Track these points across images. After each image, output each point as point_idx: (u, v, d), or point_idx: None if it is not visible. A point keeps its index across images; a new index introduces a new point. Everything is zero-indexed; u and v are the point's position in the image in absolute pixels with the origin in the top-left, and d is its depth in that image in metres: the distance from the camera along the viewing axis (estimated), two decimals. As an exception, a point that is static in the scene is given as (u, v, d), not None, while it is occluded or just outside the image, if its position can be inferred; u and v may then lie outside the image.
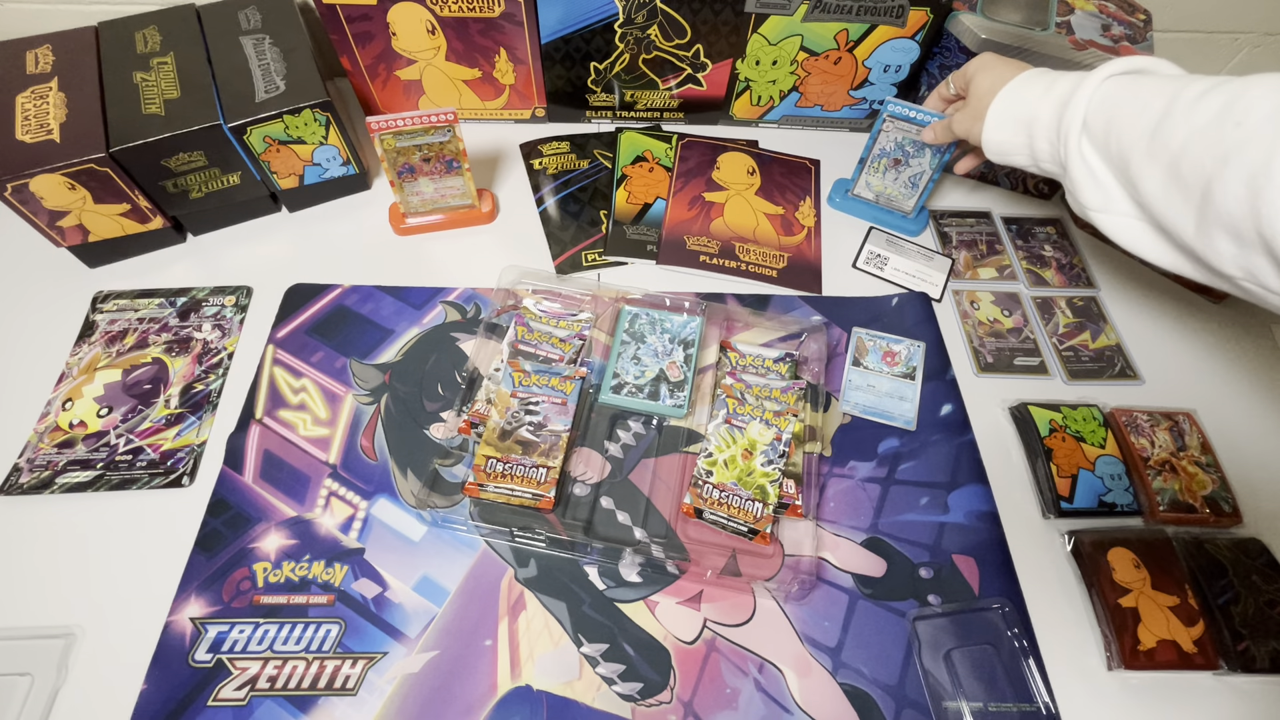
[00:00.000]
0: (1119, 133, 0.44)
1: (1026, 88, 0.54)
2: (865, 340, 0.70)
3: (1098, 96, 0.47)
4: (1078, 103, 0.48)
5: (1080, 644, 0.56)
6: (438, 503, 0.59)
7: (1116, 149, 0.44)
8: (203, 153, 0.66)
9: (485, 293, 0.72)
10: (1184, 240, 0.41)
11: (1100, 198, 0.47)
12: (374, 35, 0.74)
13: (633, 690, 0.52)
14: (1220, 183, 0.36)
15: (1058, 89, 0.51)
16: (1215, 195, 0.37)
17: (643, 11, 0.73)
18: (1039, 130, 0.52)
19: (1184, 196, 0.39)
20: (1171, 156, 0.40)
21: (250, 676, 0.51)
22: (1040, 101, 0.52)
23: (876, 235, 0.79)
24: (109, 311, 0.69)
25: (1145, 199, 0.43)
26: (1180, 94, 0.41)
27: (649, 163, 0.82)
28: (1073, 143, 0.48)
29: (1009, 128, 0.55)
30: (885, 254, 0.77)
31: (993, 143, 0.56)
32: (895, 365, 0.68)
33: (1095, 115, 0.47)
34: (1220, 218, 0.37)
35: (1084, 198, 0.48)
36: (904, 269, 0.76)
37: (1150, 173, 0.42)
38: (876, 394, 0.67)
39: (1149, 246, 0.45)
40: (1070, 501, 0.60)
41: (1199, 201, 0.38)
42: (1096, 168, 0.47)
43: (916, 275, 0.75)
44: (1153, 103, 0.42)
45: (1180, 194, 0.40)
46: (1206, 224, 0.38)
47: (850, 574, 0.58)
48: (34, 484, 0.58)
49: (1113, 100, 0.46)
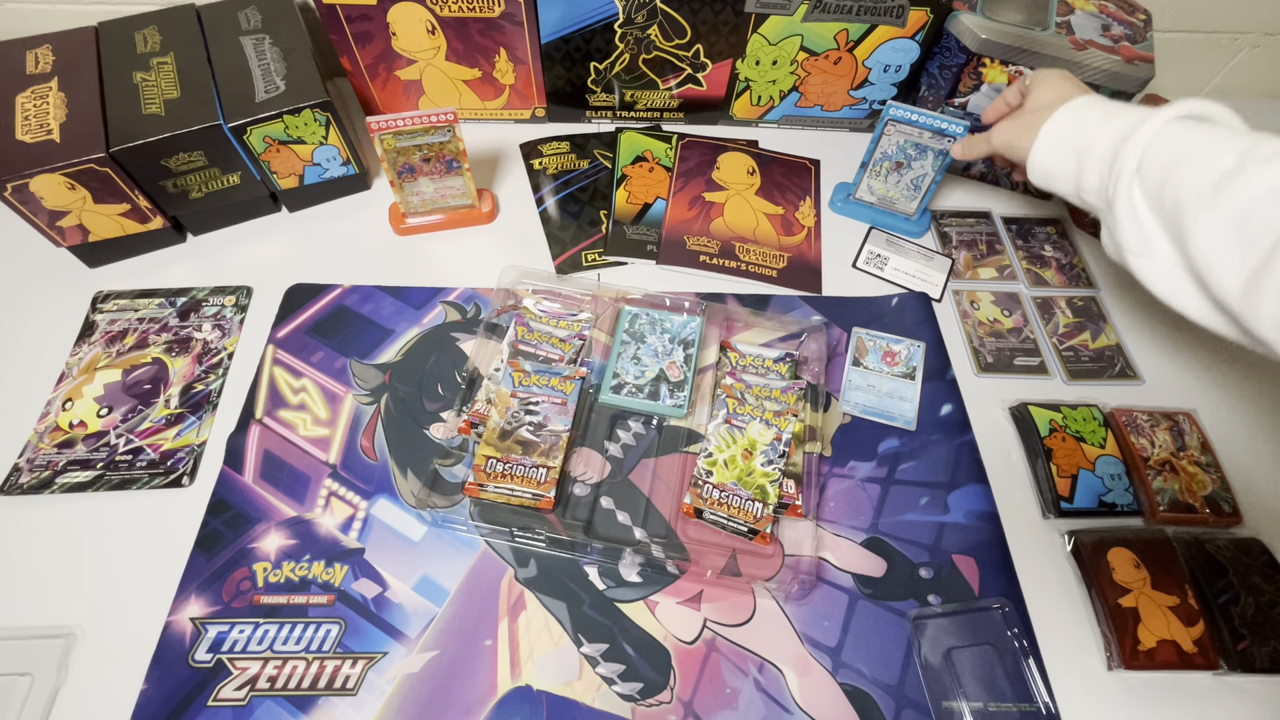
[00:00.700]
0: (1178, 180, 0.43)
1: (1086, 112, 0.52)
2: (865, 340, 0.70)
3: (1161, 138, 0.45)
4: (1137, 141, 0.46)
5: (1080, 644, 0.56)
6: (438, 503, 0.59)
7: (1172, 195, 0.43)
8: (203, 153, 0.66)
9: (485, 293, 0.72)
10: (1225, 297, 0.40)
11: (1140, 242, 0.46)
12: (374, 35, 0.74)
13: (633, 690, 0.52)
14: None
15: (1119, 121, 0.49)
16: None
17: (643, 11, 0.73)
18: (1091, 161, 0.50)
19: (1242, 254, 0.39)
20: (1238, 212, 0.39)
21: (250, 676, 0.51)
22: (1099, 130, 0.49)
23: (876, 235, 0.79)
24: (109, 311, 0.69)
25: (1193, 248, 0.42)
26: (1254, 150, 0.40)
27: (649, 163, 0.82)
28: (1124, 183, 0.46)
29: (1060, 151, 0.52)
30: (885, 254, 0.77)
31: (1039, 165, 0.54)
32: (895, 365, 0.68)
33: (1154, 158, 0.45)
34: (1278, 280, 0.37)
35: (1123, 239, 0.47)
36: (904, 269, 0.76)
37: (1207, 224, 0.41)
38: (876, 394, 0.67)
39: (1184, 298, 0.45)
40: (1070, 501, 0.60)
41: (1260, 261, 0.38)
42: (1142, 212, 0.46)
43: (917, 275, 0.75)
44: (1221, 155, 0.41)
45: (1239, 250, 0.39)
46: (1259, 284, 0.38)
47: (850, 574, 0.58)
48: (34, 484, 0.58)
49: (1175, 145, 0.45)
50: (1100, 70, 0.69)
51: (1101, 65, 0.69)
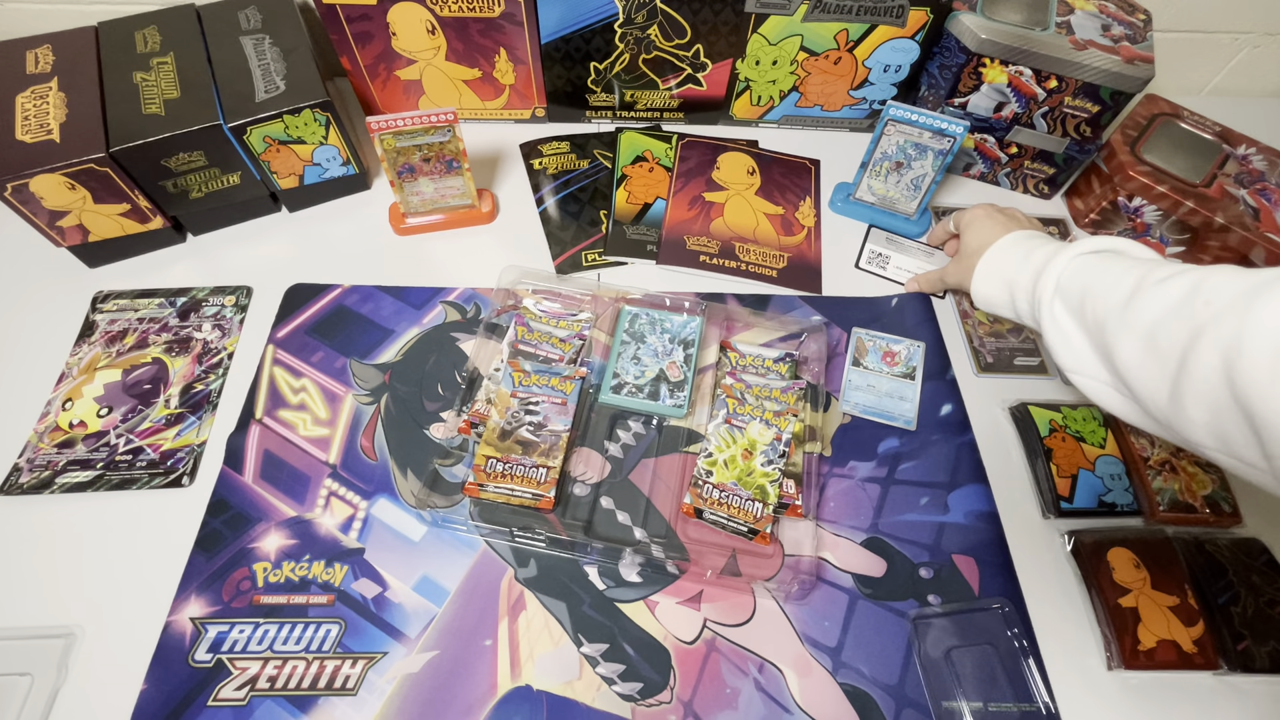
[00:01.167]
0: (1093, 303, 0.47)
1: (1008, 253, 0.59)
2: (865, 340, 0.70)
3: (1070, 269, 0.51)
4: (1051, 272, 0.52)
5: (1080, 644, 0.56)
6: (438, 503, 0.59)
7: (1092, 317, 0.47)
8: (203, 153, 0.66)
9: (485, 293, 0.72)
10: (1156, 408, 0.43)
11: (1073, 360, 0.50)
12: (374, 35, 0.74)
13: (633, 690, 0.52)
14: (1195, 354, 0.39)
15: (1035, 258, 0.55)
16: (1190, 365, 0.39)
17: (643, 11, 0.73)
18: (1018, 293, 0.56)
19: (1159, 366, 0.42)
20: (1145, 329, 0.43)
21: (250, 676, 0.51)
22: (1020, 267, 0.56)
23: (876, 234, 0.79)
24: (109, 311, 0.69)
25: (1119, 367, 0.45)
26: (1149, 275, 0.44)
27: (649, 163, 0.82)
28: (1045, 308, 0.52)
29: (994, 284, 0.59)
30: (887, 253, 0.77)
31: (980, 295, 0.61)
32: (895, 365, 0.68)
33: (1069, 284, 0.50)
34: (1195, 386, 0.39)
35: (1059, 359, 0.51)
36: (906, 266, 0.76)
37: (1125, 342, 0.44)
38: (876, 394, 0.67)
39: (1121, 410, 0.47)
40: (1070, 501, 0.60)
41: (1174, 372, 0.40)
42: (1070, 332, 0.50)
43: (919, 272, 0.75)
44: (1124, 280, 0.46)
45: (1155, 364, 0.42)
46: (1180, 393, 0.40)
47: (850, 574, 0.58)
48: (34, 484, 0.58)
49: (1085, 273, 0.50)
50: (1100, 70, 0.69)
51: (1101, 65, 0.69)
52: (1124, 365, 0.44)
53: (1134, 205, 0.75)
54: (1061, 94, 0.72)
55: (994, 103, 0.76)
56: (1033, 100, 0.74)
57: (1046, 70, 0.71)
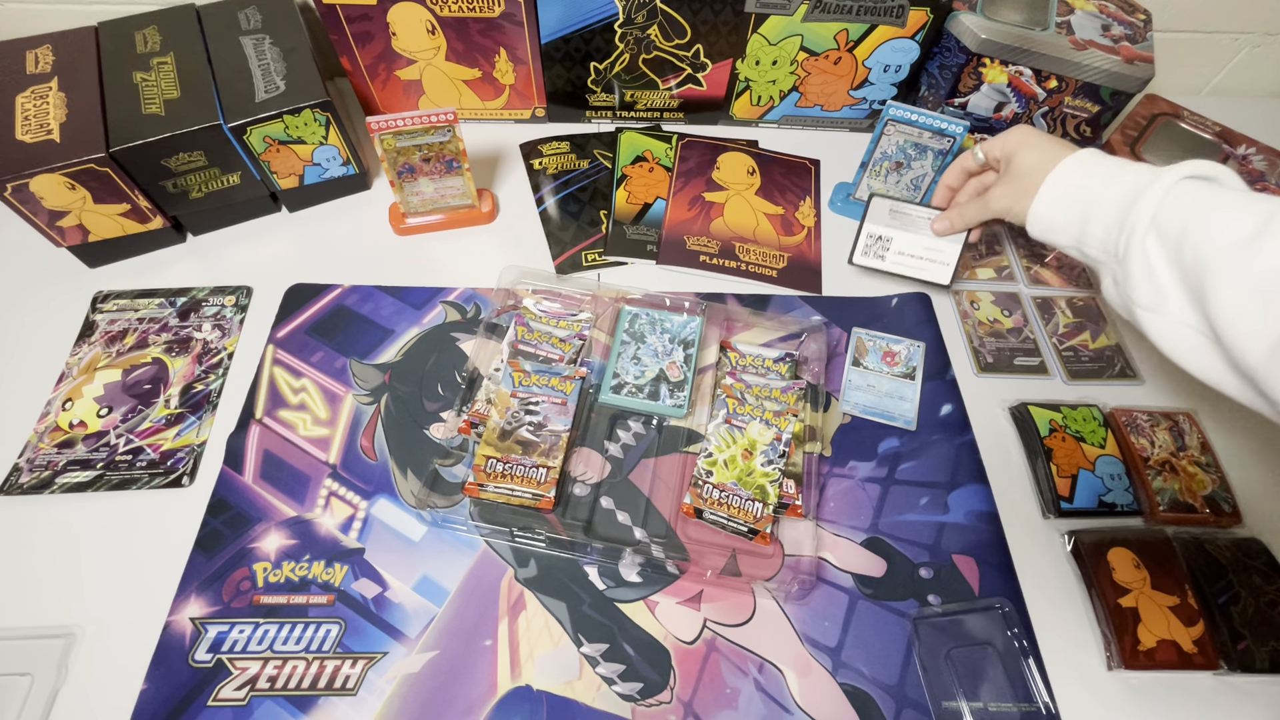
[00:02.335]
0: (1197, 239, 0.43)
1: (1088, 169, 0.53)
2: (865, 340, 0.70)
3: (1174, 195, 0.46)
4: (1150, 198, 0.47)
5: (1080, 644, 0.56)
6: (438, 503, 0.59)
7: (1192, 253, 0.43)
8: (203, 153, 0.66)
9: (485, 293, 0.72)
10: (1246, 360, 0.40)
11: (1153, 297, 0.46)
12: (374, 35, 0.74)
13: (633, 690, 0.52)
14: None
15: (1125, 178, 0.50)
16: None
17: (643, 11, 0.73)
18: (1097, 216, 0.50)
19: (1266, 317, 0.39)
20: (1263, 277, 0.39)
21: (250, 676, 0.51)
22: (1105, 187, 0.51)
23: (879, 207, 0.70)
24: (109, 311, 0.69)
25: (1216, 310, 0.41)
26: (1273, 219, 0.40)
27: (649, 163, 0.82)
28: (1138, 237, 0.47)
29: (1063, 206, 0.53)
30: (888, 233, 0.70)
31: (1041, 219, 0.55)
32: (895, 365, 0.68)
33: (1169, 215, 0.45)
34: None
35: (1134, 293, 0.47)
36: (910, 250, 0.70)
37: (1231, 284, 0.41)
38: (876, 394, 0.67)
39: (1195, 357, 0.45)
40: (1070, 501, 0.60)
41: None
42: (1158, 267, 0.46)
43: (925, 255, 0.69)
44: (1243, 217, 0.42)
45: (1262, 314, 0.39)
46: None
47: (850, 574, 0.58)
48: (34, 484, 0.58)
49: (1191, 204, 0.45)
50: (1100, 70, 0.69)
51: (1101, 65, 0.69)
52: (1223, 310, 0.41)
53: (1134, 205, 0.75)
54: (1061, 94, 0.72)
55: (994, 103, 0.76)
56: (1033, 100, 0.74)
57: (1046, 70, 0.71)
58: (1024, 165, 0.57)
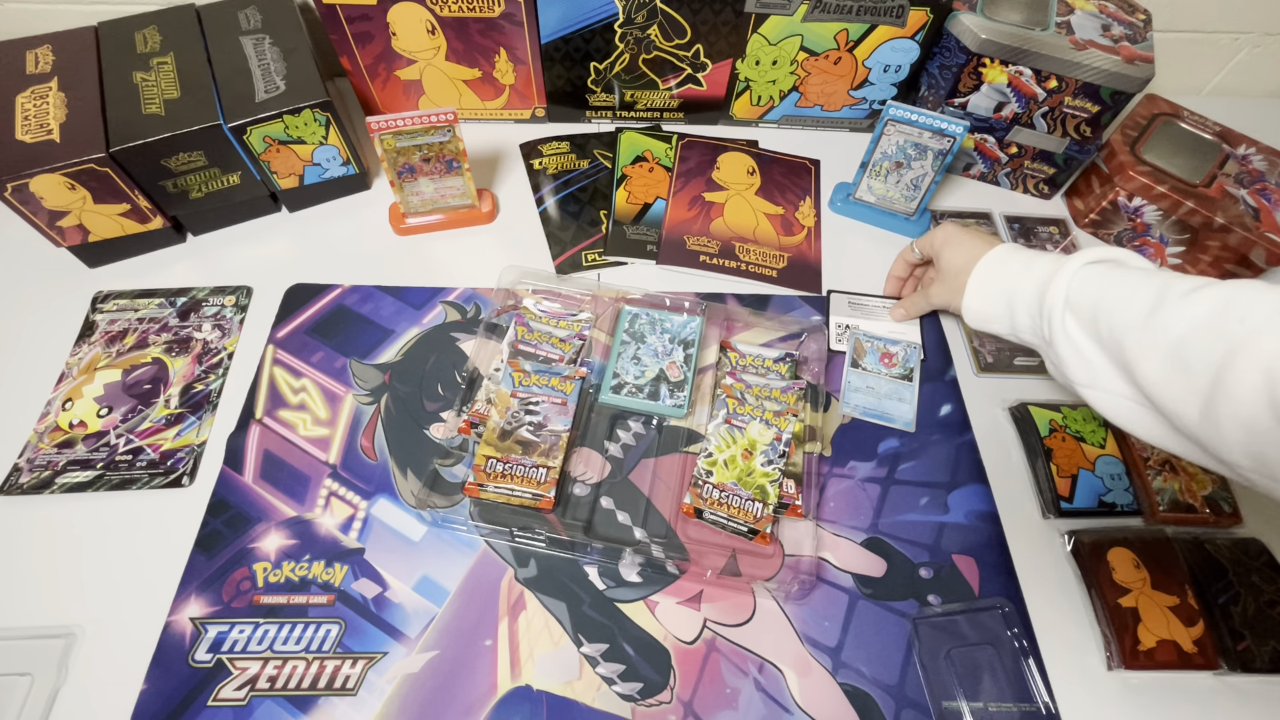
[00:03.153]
0: (1108, 316, 0.46)
1: (1004, 264, 0.57)
2: (863, 342, 0.69)
3: (1078, 281, 0.49)
4: (1058, 284, 0.50)
5: (1080, 644, 0.56)
6: (438, 503, 0.59)
7: (1108, 330, 0.46)
8: (203, 153, 0.66)
9: (485, 293, 0.72)
10: (1185, 425, 0.41)
11: (1087, 374, 0.48)
12: (374, 35, 0.74)
13: (633, 690, 0.52)
14: (1232, 372, 0.37)
15: (1036, 270, 0.53)
16: (1227, 384, 0.38)
17: (643, 11, 0.73)
18: (1020, 305, 0.54)
19: (1188, 383, 0.40)
20: (1171, 344, 0.41)
21: (250, 676, 0.51)
22: (1020, 278, 0.54)
23: (836, 301, 0.72)
24: (109, 311, 0.69)
25: (1143, 382, 0.43)
26: (1168, 288, 0.43)
27: (649, 163, 0.82)
28: (1057, 320, 0.50)
29: (990, 299, 0.57)
30: (853, 322, 0.71)
31: (973, 310, 0.59)
32: (893, 367, 0.68)
33: (1079, 296, 0.49)
34: (1232, 405, 0.38)
35: (1071, 373, 0.49)
36: (875, 333, 0.70)
37: (1148, 357, 0.43)
38: (875, 395, 0.67)
39: (1144, 426, 0.46)
40: (1070, 501, 0.60)
41: (1206, 389, 0.39)
42: (1083, 346, 0.48)
43: (889, 336, 0.70)
44: (1140, 292, 0.44)
45: (1183, 381, 0.40)
46: (1214, 412, 0.39)
47: (850, 574, 0.58)
48: (34, 484, 0.58)
49: (1096, 285, 0.48)
50: (1100, 70, 0.69)
51: (1101, 65, 0.69)
52: (1148, 381, 0.43)
53: (1134, 205, 0.75)
54: (1061, 94, 0.72)
55: (994, 103, 0.76)
56: (1033, 100, 0.74)
57: (1046, 70, 0.71)
58: (951, 264, 0.62)
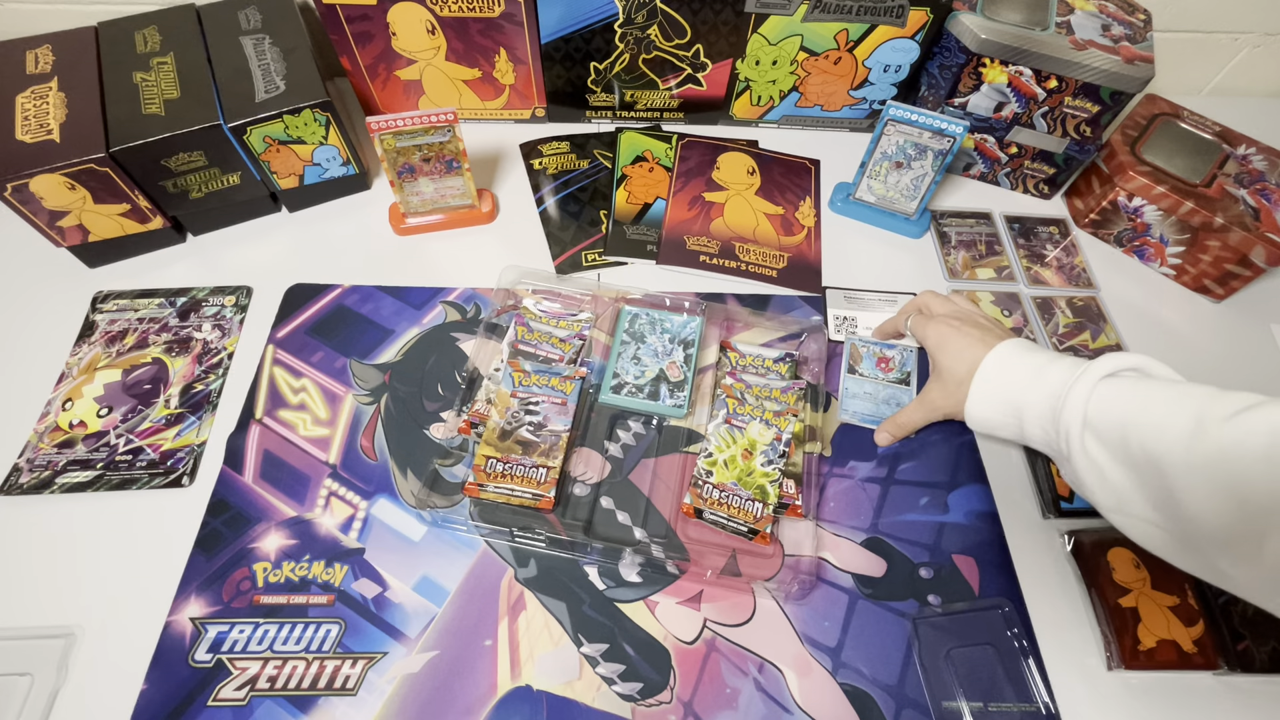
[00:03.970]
0: (1141, 439, 0.42)
1: (1009, 370, 0.52)
2: (859, 346, 0.69)
3: (1098, 398, 0.45)
4: (1074, 401, 0.46)
5: (1080, 644, 0.56)
6: (438, 503, 0.59)
7: (1142, 455, 0.42)
8: (203, 153, 0.66)
9: (485, 293, 0.72)
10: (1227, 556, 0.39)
11: (1113, 499, 0.45)
12: (374, 35, 0.74)
13: (633, 690, 0.52)
14: None
15: (1047, 381, 0.49)
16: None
17: (643, 11, 0.73)
18: (1030, 417, 0.50)
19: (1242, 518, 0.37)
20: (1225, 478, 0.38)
21: (250, 676, 0.51)
22: (1029, 389, 0.50)
23: (833, 296, 0.73)
24: (109, 311, 0.69)
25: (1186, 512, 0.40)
26: (1208, 408, 0.40)
27: (649, 163, 0.82)
28: (1076, 440, 0.46)
29: (996, 409, 0.53)
30: (850, 314, 0.72)
31: (977, 419, 0.55)
32: (890, 371, 0.68)
33: (1101, 415, 0.45)
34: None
35: (1093, 495, 0.46)
36: (875, 324, 0.71)
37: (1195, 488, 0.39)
38: (874, 401, 0.66)
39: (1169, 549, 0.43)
40: (1070, 501, 0.60)
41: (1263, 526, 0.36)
42: (1108, 470, 0.44)
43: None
44: (1176, 412, 0.41)
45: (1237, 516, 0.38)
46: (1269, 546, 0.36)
47: (850, 574, 0.58)
48: (34, 484, 0.58)
49: (1122, 403, 0.44)
50: (1100, 70, 0.69)
51: (1101, 65, 0.69)
52: (1193, 513, 0.39)
53: (1134, 205, 0.75)
54: (1061, 94, 0.72)
55: (994, 103, 0.76)
56: (1033, 100, 0.74)
57: (1046, 70, 0.71)
58: (948, 368, 0.56)
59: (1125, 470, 0.44)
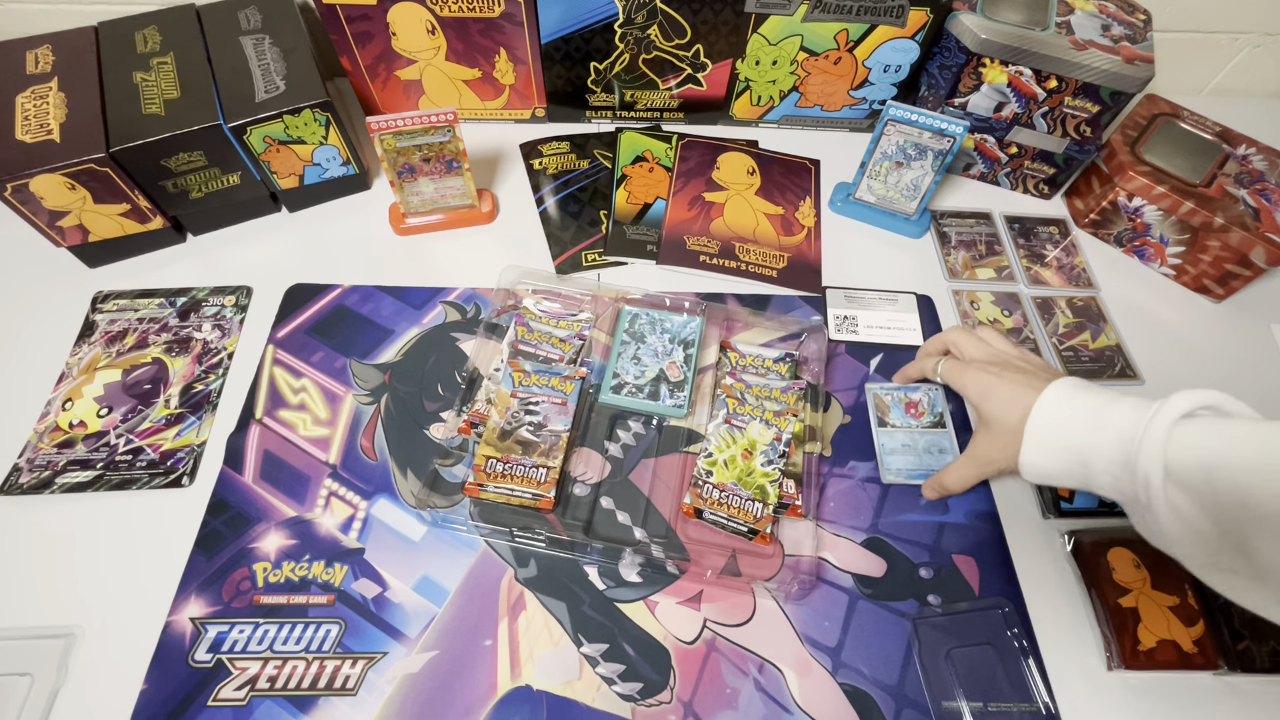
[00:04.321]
0: (1233, 488, 0.38)
1: (1067, 415, 0.48)
2: (882, 396, 0.66)
3: (1177, 443, 0.41)
4: (1152, 447, 0.42)
5: (1080, 644, 0.56)
6: (438, 503, 0.59)
7: (1235, 505, 0.38)
8: (203, 153, 0.66)
9: (485, 293, 0.72)
10: None
11: (1205, 554, 0.41)
12: (374, 35, 0.74)
13: (633, 690, 0.52)
14: None
15: (1114, 423, 0.45)
16: None
17: (643, 11, 0.73)
18: (1098, 463, 0.46)
19: None
20: None
21: (250, 676, 0.51)
22: (1097, 432, 0.46)
23: (833, 296, 0.73)
24: (109, 311, 0.69)
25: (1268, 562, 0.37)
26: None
27: (649, 163, 0.82)
28: (1158, 492, 0.42)
29: (1055, 455, 0.48)
30: (851, 313, 0.72)
31: (1035, 468, 0.50)
32: (921, 416, 0.64)
33: (1184, 464, 0.41)
34: None
35: (1179, 550, 0.43)
36: (876, 323, 0.71)
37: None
38: (915, 453, 0.63)
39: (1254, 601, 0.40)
40: (1070, 501, 0.60)
41: None
42: (1200, 526, 0.40)
43: (890, 326, 0.71)
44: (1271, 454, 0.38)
45: None
46: None
47: (850, 574, 0.58)
48: (34, 484, 0.58)
49: (1208, 451, 0.40)
50: (1100, 70, 0.69)
51: (1101, 65, 0.69)
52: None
53: (1134, 205, 0.75)
54: (1061, 94, 0.72)
55: (994, 103, 0.76)
56: (1033, 100, 0.74)
57: (1046, 70, 0.71)
58: (997, 417, 0.52)
59: (1215, 524, 0.40)
